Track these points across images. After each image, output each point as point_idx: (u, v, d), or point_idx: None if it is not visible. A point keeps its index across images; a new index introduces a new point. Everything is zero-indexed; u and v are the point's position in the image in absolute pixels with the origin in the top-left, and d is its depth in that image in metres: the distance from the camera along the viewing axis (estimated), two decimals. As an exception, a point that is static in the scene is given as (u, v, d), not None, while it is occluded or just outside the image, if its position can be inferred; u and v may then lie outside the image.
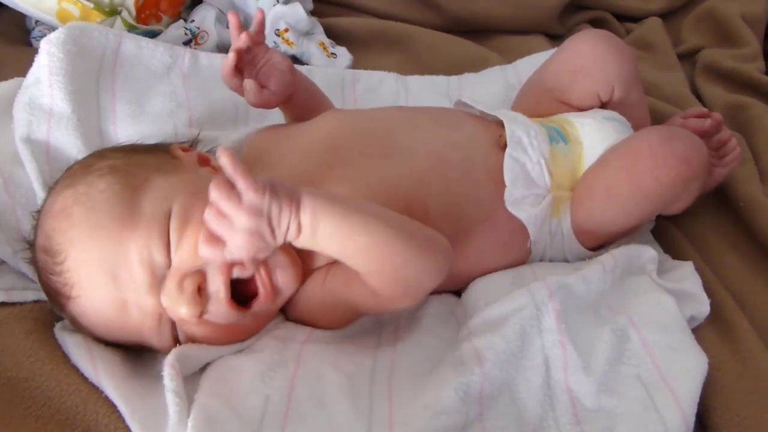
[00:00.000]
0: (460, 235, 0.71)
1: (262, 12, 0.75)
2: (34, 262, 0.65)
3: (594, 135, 0.78)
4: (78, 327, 0.63)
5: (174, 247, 0.60)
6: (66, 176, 0.66)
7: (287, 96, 0.79)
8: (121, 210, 0.60)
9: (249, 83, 0.74)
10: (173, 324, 0.62)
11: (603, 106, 0.84)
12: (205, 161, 0.71)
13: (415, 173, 0.71)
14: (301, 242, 0.57)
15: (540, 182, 0.73)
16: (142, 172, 0.64)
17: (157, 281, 0.60)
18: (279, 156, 0.75)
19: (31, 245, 0.65)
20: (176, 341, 0.63)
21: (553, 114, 0.83)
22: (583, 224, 0.74)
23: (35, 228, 0.65)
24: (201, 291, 0.59)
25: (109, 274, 0.59)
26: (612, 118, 0.80)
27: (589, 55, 0.82)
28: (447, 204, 0.71)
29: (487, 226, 0.72)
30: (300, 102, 0.82)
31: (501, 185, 0.72)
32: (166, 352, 0.61)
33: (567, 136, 0.78)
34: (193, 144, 0.76)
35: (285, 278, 0.63)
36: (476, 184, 0.72)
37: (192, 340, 0.62)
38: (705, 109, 0.90)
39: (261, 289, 0.61)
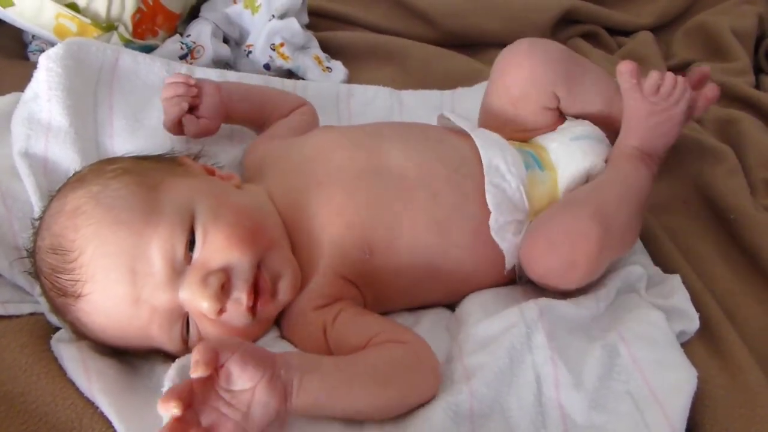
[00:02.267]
0: (451, 249, 0.72)
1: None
2: (34, 267, 0.65)
3: (563, 160, 0.78)
4: (82, 331, 0.63)
5: (200, 244, 0.61)
6: (74, 180, 0.67)
7: (222, 116, 0.83)
8: (140, 206, 0.61)
9: (186, 118, 0.79)
10: (184, 322, 0.62)
11: (560, 112, 0.82)
12: (210, 172, 0.73)
13: (404, 188, 0.72)
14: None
15: (521, 207, 0.73)
16: (156, 174, 0.66)
17: (176, 276, 0.60)
18: (275, 170, 0.76)
19: (31, 252, 0.65)
20: (185, 341, 0.63)
21: (520, 140, 0.83)
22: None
23: (37, 231, 0.65)
24: (224, 289, 0.61)
25: (127, 268, 0.59)
26: (580, 137, 0.79)
27: (517, 84, 0.80)
28: (436, 217, 0.71)
29: (477, 240, 0.72)
30: (241, 113, 0.86)
31: (485, 205, 0.72)
32: (174, 353, 0.62)
33: (543, 163, 0.78)
34: (196, 158, 0.77)
35: (285, 285, 0.65)
36: (465, 197, 0.73)
37: (204, 339, 0.63)
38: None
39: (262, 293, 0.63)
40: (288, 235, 0.69)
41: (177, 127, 0.79)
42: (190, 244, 0.62)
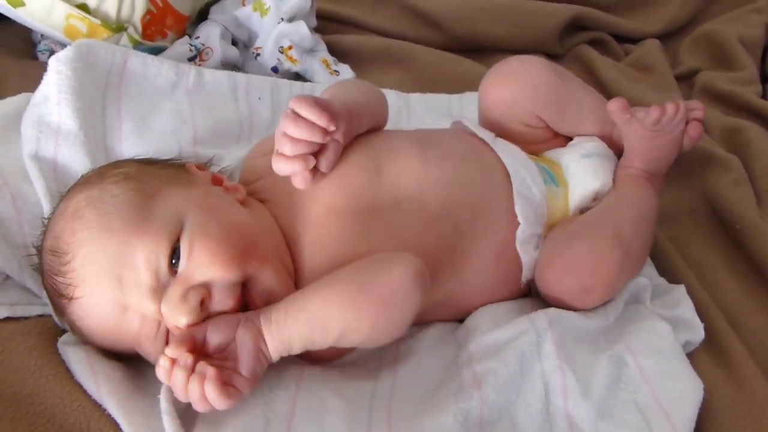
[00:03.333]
0: (469, 274, 0.71)
1: None
2: (39, 265, 0.65)
3: (575, 177, 0.78)
4: (77, 332, 0.64)
5: (185, 258, 0.60)
6: (81, 182, 0.67)
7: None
8: (132, 214, 0.61)
9: (308, 166, 0.64)
10: (167, 335, 0.62)
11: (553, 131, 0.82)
12: (218, 181, 0.71)
13: (426, 224, 0.69)
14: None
15: (541, 221, 0.74)
16: (156, 181, 0.65)
17: (161, 288, 0.60)
18: (282, 188, 0.69)
19: (39, 250, 0.66)
20: None
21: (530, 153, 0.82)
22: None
23: (44, 231, 0.65)
24: (203, 305, 0.60)
25: (114, 275, 0.60)
26: (590, 154, 0.80)
27: (497, 106, 0.81)
28: (458, 250, 0.70)
29: (498, 263, 0.72)
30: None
31: (511, 220, 0.72)
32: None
33: (557, 179, 0.78)
34: (207, 164, 0.76)
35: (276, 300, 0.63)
36: (489, 224, 0.71)
37: None
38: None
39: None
40: (291, 257, 0.67)
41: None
42: (176, 256, 0.60)
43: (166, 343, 0.61)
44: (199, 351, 0.58)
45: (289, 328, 0.59)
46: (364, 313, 0.58)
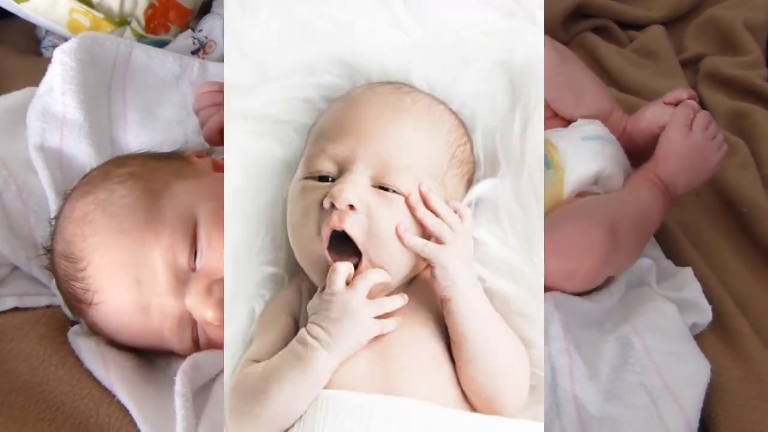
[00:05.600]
0: None
1: None
2: (52, 268, 0.66)
3: (572, 160, 0.76)
4: (98, 332, 0.64)
5: (203, 251, 0.61)
6: (84, 183, 0.67)
7: None
8: (143, 214, 0.61)
9: None
10: (194, 326, 0.62)
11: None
12: (218, 167, 0.71)
13: None
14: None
15: None
16: (162, 177, 0.65)
17: (181, 284, 0.60)
18: None
19: (49, 251, 0.66)
20: (196, 343, 0.63)
21: None
22: None
23: (53, 234, 0.65)
24: None
25: (133, 277, 0.60)
26: (591, 137, 0.78)
27: None
28: None
29: None
30: None
31: None
32: (186, 354, 0.62)
33: (551, 161, 0.77)
34: (208, 152, 0.76)
35: None
36: None
37: (213, 341, 0.63)
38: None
39: None
40: None
41: None
42: (195, 250, 0.61)
43: (192, 334, 0.62)
44: None
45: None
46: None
